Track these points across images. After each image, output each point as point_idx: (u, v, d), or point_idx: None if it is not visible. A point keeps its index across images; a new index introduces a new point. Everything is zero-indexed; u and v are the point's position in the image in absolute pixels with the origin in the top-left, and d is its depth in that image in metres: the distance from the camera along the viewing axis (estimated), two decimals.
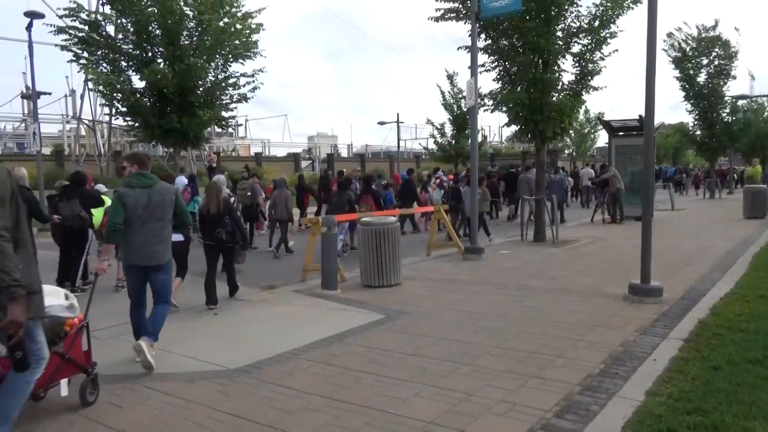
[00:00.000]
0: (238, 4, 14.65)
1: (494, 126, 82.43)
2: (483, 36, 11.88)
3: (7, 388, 3.14)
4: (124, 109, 14.57)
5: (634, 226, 13.89)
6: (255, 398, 4.08)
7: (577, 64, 12.05)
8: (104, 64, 14.15)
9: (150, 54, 14.35)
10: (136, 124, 14.75)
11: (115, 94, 14.11)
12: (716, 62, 24.42)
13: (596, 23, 11.57)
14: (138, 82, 14.39)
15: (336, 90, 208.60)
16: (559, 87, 12.04)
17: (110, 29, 14.11)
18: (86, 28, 13.69)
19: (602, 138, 51.95)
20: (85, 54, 13.93)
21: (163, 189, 5.00)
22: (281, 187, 12.06)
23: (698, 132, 27.19)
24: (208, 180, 13.53)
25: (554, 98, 11.90)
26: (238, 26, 14.49)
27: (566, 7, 11.53)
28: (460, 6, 11.39)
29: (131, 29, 13.86)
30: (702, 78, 24.88)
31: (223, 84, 15.04)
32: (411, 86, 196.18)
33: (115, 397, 4.16)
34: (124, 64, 14.34)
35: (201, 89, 14.68)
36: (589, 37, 11.76)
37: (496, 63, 12.27)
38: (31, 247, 3.20)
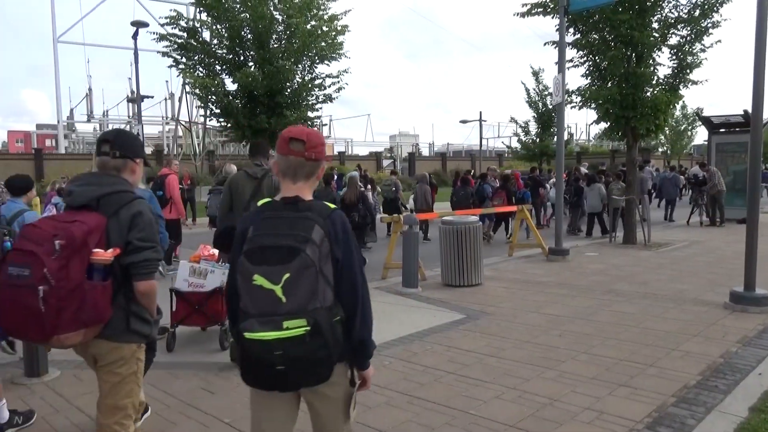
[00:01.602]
0: (324, 7, 15.01)
1: (581, 123, 79.32)
2: (571, 30, 11.51)
3: None
4: (217, 111, 15.32)
5: (735, 229, 12.99)
6: None
7: (674, 57, 11.37)
8: (200, 69, 14.96)
9: (242, 58, 15.00)
10: (229, 125, 15.48)
11: (209, 97, 14.88)
12: None
13: (696, 13, 10.86)
14: (230, 85, 15.09)
15: (418, 89, 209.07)
16: (654, 81, 11.42)
17: (206, 35, 14.88)
18: (185, 34, 14.53)
19: (700, 135, 48.83)
20: (184, 59, 14.80)
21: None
22: (421, 182, 13.52)
23: None
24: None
25: (648, 93, 11.31)
26: (325, 29, 14.83)
27: None
28: (548, 0, 11.08)
29: (225, 35, 14.55)
30: None
31: (310, 85, 15.44)
32: (493, 84, 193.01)
33: (208, 383, 4.40)
34: (218, 68, 15.08)
35: (289, 90, 15.14)
36: (689, 28, 11.07)
37: (585, 58, 11.86)
38: None
